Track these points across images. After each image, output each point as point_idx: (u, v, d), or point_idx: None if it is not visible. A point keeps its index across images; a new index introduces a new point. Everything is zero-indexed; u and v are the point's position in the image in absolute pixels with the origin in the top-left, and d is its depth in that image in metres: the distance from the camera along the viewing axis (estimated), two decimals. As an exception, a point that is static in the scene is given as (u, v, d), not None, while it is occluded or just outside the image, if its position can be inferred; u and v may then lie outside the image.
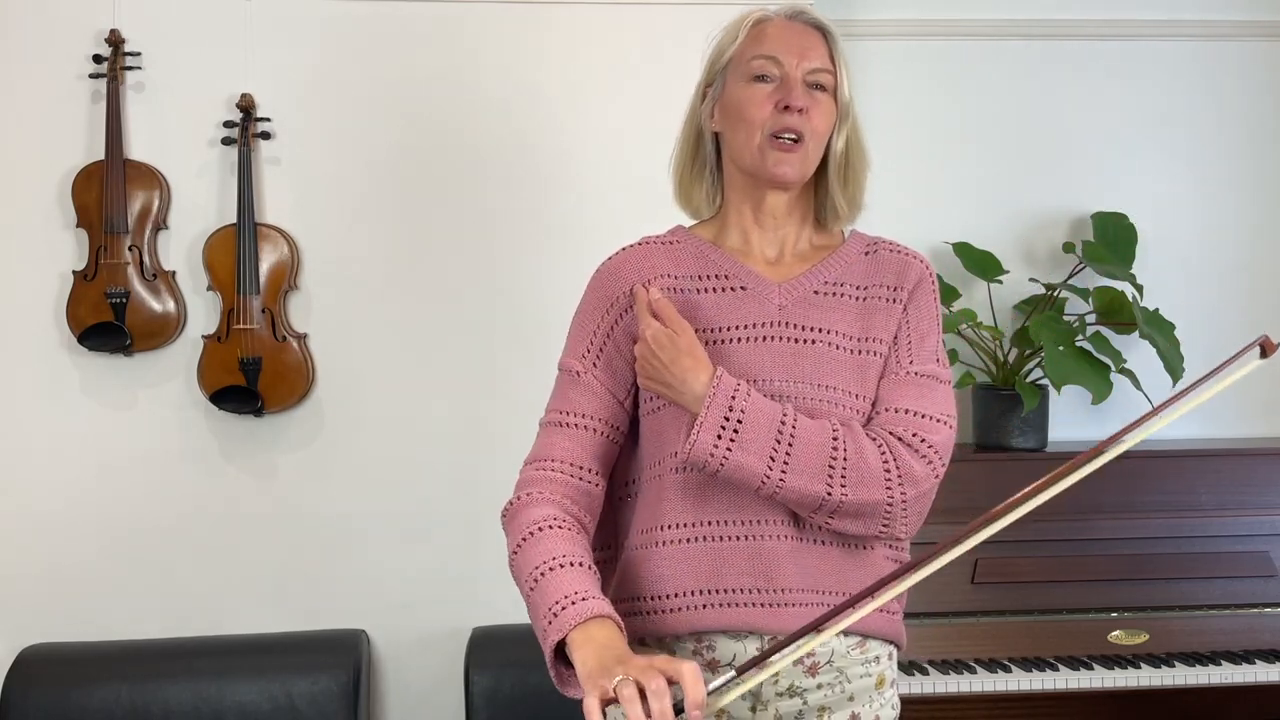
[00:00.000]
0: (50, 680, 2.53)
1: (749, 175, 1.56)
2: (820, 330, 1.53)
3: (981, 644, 2.58)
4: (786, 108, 1.50)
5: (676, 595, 1.50)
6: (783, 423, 1.45)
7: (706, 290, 1.56)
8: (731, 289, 1.56)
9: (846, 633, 1.51)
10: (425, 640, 2.75)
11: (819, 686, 1.51)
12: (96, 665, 2.57)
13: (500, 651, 2.64)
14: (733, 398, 1.45)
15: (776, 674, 1.46)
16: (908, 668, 2.49)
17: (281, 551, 2.72)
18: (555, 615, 1.33)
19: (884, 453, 1.47)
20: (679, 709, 1.20)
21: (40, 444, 2.67)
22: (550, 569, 1.39)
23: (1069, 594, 2.64)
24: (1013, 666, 2.54)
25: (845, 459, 1.44)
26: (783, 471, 1.43)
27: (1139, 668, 2.54)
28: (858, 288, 1.57)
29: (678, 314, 1.51)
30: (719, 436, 1.44)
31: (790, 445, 1.44)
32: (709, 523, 1.50)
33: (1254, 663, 2.56)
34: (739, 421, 1.44)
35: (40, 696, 2.51)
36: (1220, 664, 2.55)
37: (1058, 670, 2.53)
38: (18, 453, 2.66)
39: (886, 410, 1.52)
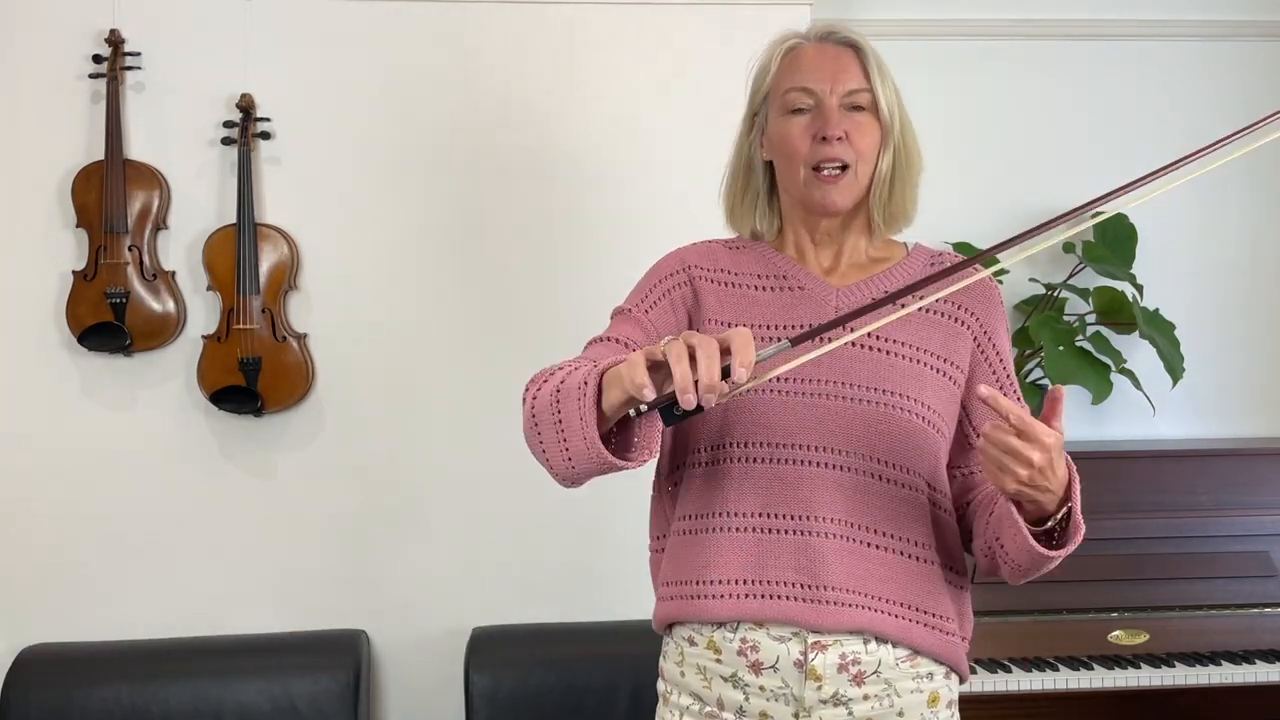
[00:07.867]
0: (50, 680, 2.53)
1: (800, 204, 1.57)
2: (877, 337, 1.51)
3: (982, 644, 2.58)
4: (824, 139, 1.50)
5: (721, 582, 1.49)
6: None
7: (765, 289, 1.57)
8: (789, 288, 1.56)
9: (895, 644, 1.49)
10: (425, 640, 2.75)
11: (865, 698, 1.48)
12: (96, 665, 2.56)
13: (500, 651, 2.64)
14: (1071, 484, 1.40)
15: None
16: (908, 668, 2.49)
17: (281, 551, 2.72)
18: (586, 381, 1.28)
19: None
20: (726, 373, 1.16)
21: (40, 444, 2.66)
22: (577, 368, 1.35)
23: (1069, 594, 2.64)
24: (1013, 666, 2.54)
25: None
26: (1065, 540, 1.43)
27: (1139, 668, 2.54)
28: (919, 299, 1.56)
29: (1012, 405, 1.32)
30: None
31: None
32: (762, 514, 1.50)
33: (1254, 663, 2.56)
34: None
35: (40, 696, 2.51)
36: (1220, 664, 2.55)
37: (1058, 670, 2.53)
38: (18, 453, 2.66)
39: None
